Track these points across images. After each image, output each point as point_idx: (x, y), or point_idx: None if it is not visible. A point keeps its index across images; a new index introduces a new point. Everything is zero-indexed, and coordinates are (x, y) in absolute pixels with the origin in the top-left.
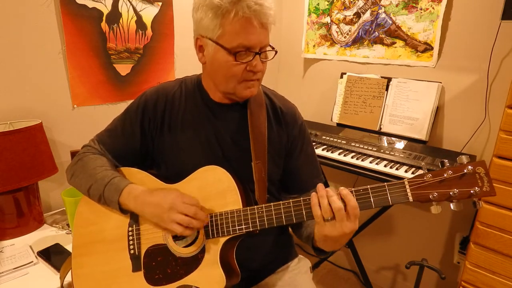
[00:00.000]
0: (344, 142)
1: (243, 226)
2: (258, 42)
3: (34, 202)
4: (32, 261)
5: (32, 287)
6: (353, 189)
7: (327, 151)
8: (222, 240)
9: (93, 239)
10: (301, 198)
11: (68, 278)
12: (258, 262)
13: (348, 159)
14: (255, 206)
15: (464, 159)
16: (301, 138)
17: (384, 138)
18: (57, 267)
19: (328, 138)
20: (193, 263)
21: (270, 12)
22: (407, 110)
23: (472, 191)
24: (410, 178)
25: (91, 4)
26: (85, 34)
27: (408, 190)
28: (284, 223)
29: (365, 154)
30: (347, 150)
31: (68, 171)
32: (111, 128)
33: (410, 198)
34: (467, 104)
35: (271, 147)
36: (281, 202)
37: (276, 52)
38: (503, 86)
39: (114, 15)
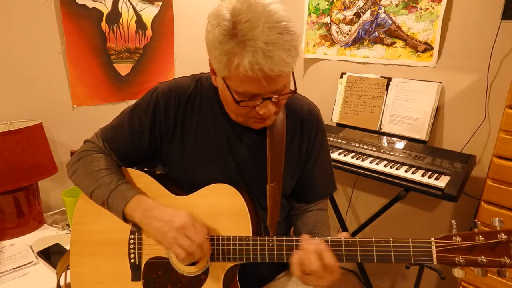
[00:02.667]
0: (344, 142)
1: (251, 256)
2: (268, 90)
3: (34, 202)
4: (32, 261)
5: (32, 287)
6: (373, 239)
7: None
8: (227, 265)
9: (94, 239)
10: (316, 237)
11: (63, 277)
12: (259, 272)
13: (348, 159)
14: (266, 237)
15: (497, 222)
16: (319, 143)
17: (384, 138)
18: (57, 267)
19: (328, 138)
20: (195, 283)
21: (287, 60)
22: (407, 110)
23: (502, 261)
24: (437, 238)
25: (91, 4)
26: (85, 34)
27: (434, 252)
28: None
29: (365, 154)
30: (347, 150)
31: (69, 167)
32: (117, 124)
33: (435, 261)
34: (467, 104)
35: (288, 162)
36: (294, 238)
37: (293, 92)
38: (503, 86)
39: (114, 15)
